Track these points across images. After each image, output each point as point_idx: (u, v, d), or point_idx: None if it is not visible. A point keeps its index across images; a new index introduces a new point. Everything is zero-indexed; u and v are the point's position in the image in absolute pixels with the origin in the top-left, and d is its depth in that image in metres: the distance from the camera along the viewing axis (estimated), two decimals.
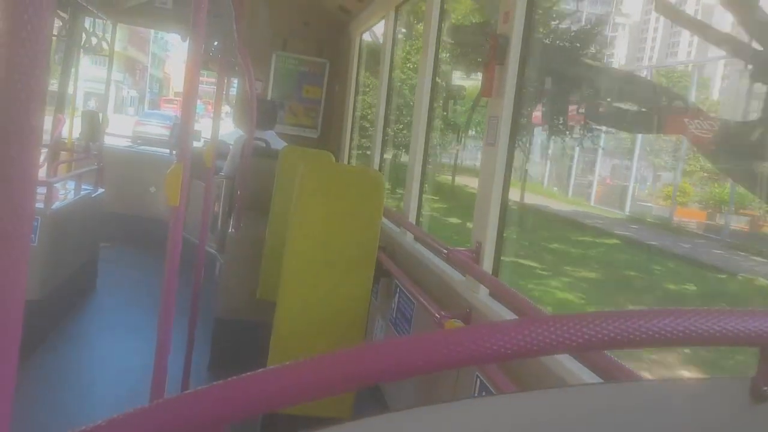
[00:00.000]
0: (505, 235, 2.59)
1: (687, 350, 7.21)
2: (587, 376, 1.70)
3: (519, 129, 2.52)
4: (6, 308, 0.56)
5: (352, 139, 6.14)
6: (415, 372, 0.62)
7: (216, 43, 4.71)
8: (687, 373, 6.97)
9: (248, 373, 0.62)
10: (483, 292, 2.47)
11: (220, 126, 4.02)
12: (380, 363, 0.62)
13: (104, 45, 5.87)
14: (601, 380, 1.57)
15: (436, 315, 2.57)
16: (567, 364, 1.79)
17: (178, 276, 1.96)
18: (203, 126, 8.33)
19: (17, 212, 0.55)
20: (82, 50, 5.93)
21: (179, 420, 0.59)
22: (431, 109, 3.76)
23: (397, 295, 3.45)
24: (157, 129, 20.28)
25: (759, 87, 10.90)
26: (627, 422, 0.70)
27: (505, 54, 2.40)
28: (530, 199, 17.95)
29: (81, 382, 3.69)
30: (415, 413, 0.68)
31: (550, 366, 1.82)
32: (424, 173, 3.77)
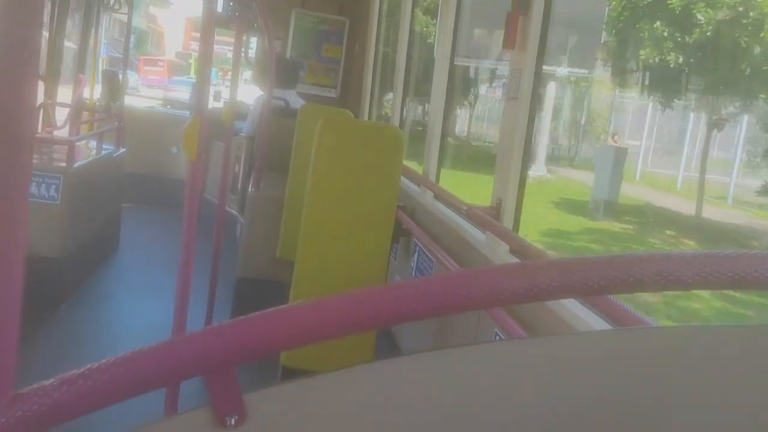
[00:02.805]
0: None
1: None
2: (600, 324, 1.69)
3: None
4: (7, 265, 0.55)
5: (372, 99, 6.08)
6: (426, 313, 0.61)
7: (232, 2, 4.65)
8: None
9: (258, 313, 0.61)
10: (503, 249, 2.45)
11: (246, 91, 3.99)
12: (386, 305, 0.60)
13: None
14: (611, 327, 1.56)
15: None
16: (583, 314, 1.77)
17: (196, 233, 1.96)
18: (223, 89, 8.31)
19: (14, 170, 0.54)
20: (101, 9, 5.90)
21: (187, 359, 0.58)
22: (452, 66, 3.69)
23: (416, 253, 3.44)
24: (185, 95, 20.58)
25: None
26: (637, 368, 0.68)
27: (528, 4, 2.32)
28: None
29: (103, 339, 3.76)
30: (429, 356, 0.67)
31: (565, 318, 1.81)
32: (444, 131, 3.71)
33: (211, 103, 5.83)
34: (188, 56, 34.37)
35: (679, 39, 10.40)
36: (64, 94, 5.73)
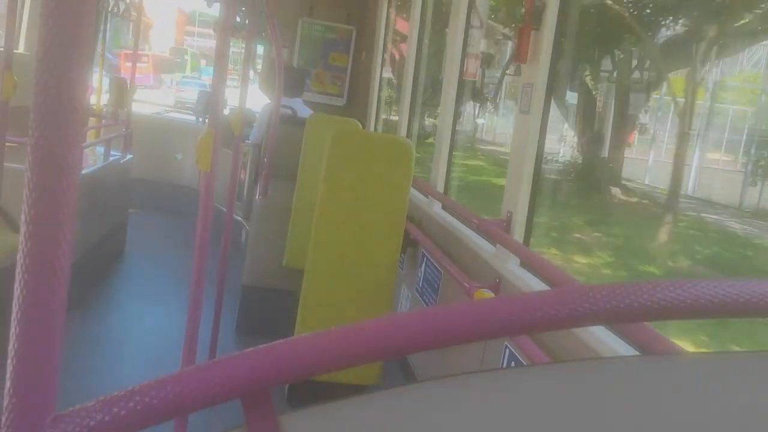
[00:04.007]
0: None
1: None
2: (624, 349, 1.68)
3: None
4: (53, 274, 0.56)
5: (379, 107, 6.09)
6: (452, 342, 0.61)
7: (243, 9, 4.66)
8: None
9: (300, 336, 0.62)
10: (513, 262, 2.45)
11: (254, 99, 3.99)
12: (420, 333, 0.60)
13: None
14: (638, 353, 1.54)
15: (465, 284, 2.55)
16: (602, 336, 1.76)
17: (209, 243, 1.96)
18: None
19: (64, 176, 0.55)
20: (109, 16, 5.93)
21: (229, 380, 0.59)
22: (461, 75, 3.70)
23: (424, 264, 3.44)
24: (194, 95, 20.00)
25: None
26: (668, 398, 0.68)
27: (541, 18, 2.34)
28: None
29: (110, 345, 3.76)
30: (444, 383, 0.67)
31: (584, 338, 1.80)
32: (453, 141, 3.72)
33: None
34: (183, 52, 32.47)
35: None
36: None
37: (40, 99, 0.53)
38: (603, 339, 1.75)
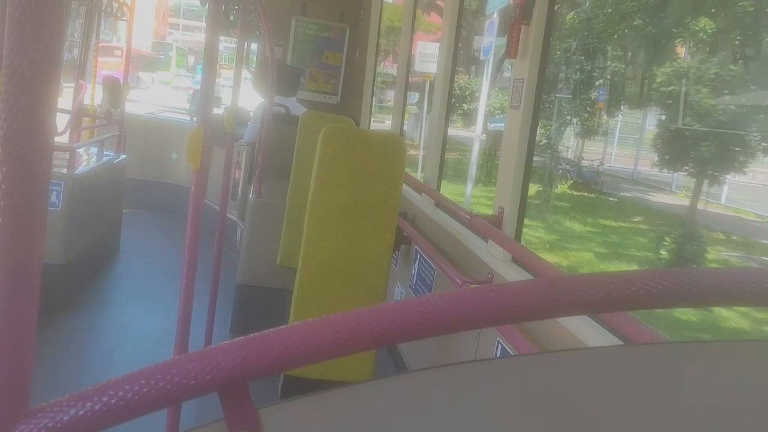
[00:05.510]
0: None
1: None
2: (609, 339, 1.68)
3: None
4: (25, 278, 0.56)
5: (372, 105, 6.09)
6: (436, 331, 0.61)
7: (236, 7, 4.65)
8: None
9: (274, 329, 0.61)
10: (505, 257, 2.45)
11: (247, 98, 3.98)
12: (401, 321, 0.60)
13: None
14: (623, 343, 1.55)
15: (457, 280, 2.55)
16: (588, 328, 1.77)
17: (200, 241, 1.96)
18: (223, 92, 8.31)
19: (34, 178, 0.54)
20: (102, 16, 5.91)
21: (204, 374, 0.58)
22: (453, 72, 3.70)
23: (417, 261, 3.44)
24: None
25: None
26: (650, 386, 0.68)
27: (530, 13, 2.33)
28: None
29: (104, 345, 3.75)
30: (435, 373, 0.67)
31: (572, 330, 1.80)
32: (445, 138, 3.72)
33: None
34: (167, 47, 29.22)
35: None
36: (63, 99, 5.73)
37: (8, 99, 0.53)
38: (589, 330, 1.76)
